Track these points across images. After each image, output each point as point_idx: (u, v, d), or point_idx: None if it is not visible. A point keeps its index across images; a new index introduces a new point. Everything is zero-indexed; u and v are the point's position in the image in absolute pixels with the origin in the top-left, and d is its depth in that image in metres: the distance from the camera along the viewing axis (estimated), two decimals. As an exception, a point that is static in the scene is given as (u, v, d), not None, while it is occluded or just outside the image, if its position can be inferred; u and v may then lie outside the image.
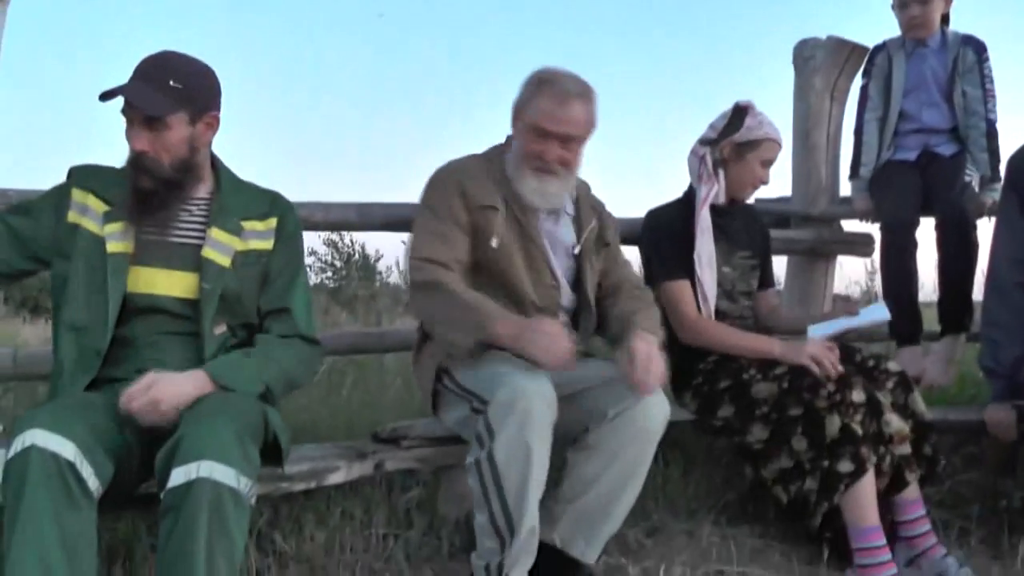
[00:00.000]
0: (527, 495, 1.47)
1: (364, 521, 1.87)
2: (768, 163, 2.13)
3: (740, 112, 2.09)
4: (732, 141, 2.10)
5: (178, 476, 1.24)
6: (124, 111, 1.51)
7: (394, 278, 8.82)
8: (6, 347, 1.98)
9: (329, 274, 9.97)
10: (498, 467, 1.47)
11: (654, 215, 2.19)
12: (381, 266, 10.07)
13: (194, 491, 1.22)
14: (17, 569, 1.17)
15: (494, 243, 1.73)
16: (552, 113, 1.70)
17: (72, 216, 1.53)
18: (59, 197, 1.56)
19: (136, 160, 1.51)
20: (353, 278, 9.54)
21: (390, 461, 1.80)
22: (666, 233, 2.10)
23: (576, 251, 1.84)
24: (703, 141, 2.16)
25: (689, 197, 2.15)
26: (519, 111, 1.77)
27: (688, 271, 2.04)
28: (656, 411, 1.64)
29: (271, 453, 1.50)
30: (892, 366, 1.99)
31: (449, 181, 1.77)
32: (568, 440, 1.67)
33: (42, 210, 1.55)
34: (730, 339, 2.01)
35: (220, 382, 1.42)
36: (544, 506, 1.60)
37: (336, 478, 1.71)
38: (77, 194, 1.54)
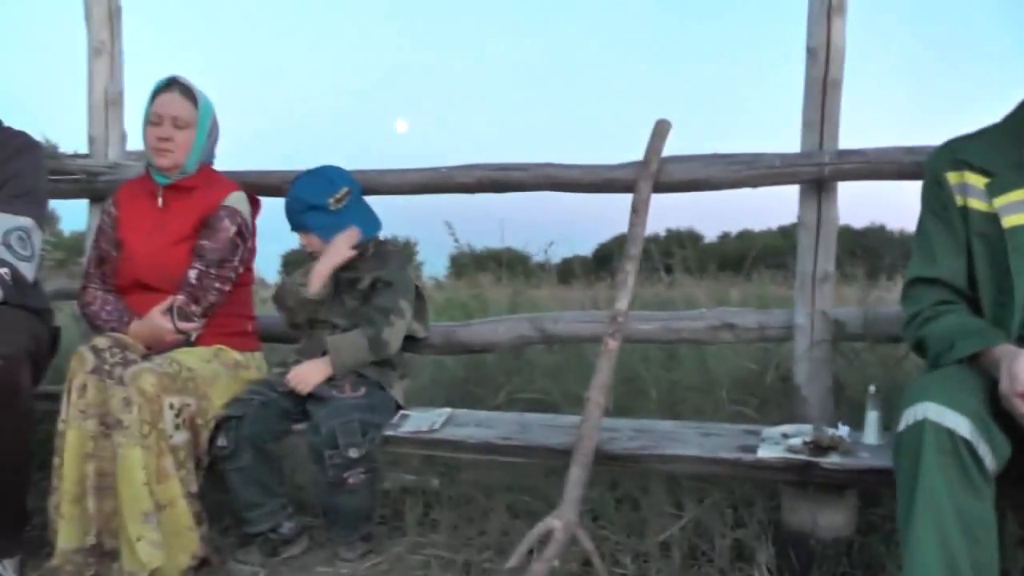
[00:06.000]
0: None
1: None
2: None
3: None
4: None
5: None
6: None
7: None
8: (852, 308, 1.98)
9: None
10: None
11: None
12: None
13: None
14: (919, 549, 1.15)
15: None
16: None
17: (957, 199, 1.47)
18: (935, 184, 1.50)
19: None
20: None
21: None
22: None
23: None
24: None
25: None
26: None
27: None
28: None
29: None
30: None
31: None
32: None
33: (949, 211, 1.48)
34: None
35: None
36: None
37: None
38: (952, 176, 1.48)
